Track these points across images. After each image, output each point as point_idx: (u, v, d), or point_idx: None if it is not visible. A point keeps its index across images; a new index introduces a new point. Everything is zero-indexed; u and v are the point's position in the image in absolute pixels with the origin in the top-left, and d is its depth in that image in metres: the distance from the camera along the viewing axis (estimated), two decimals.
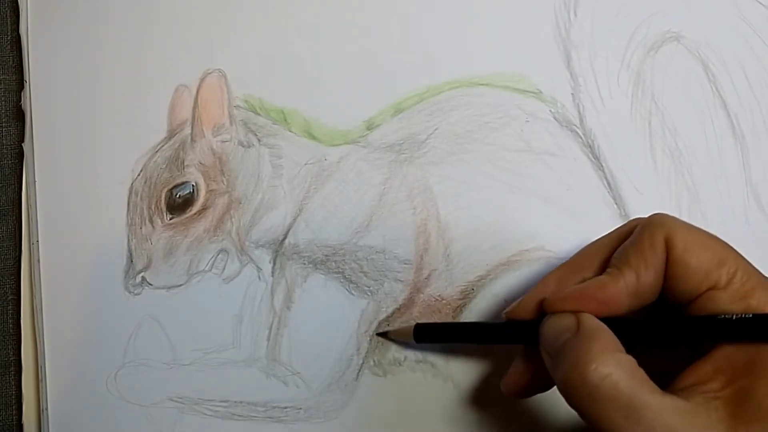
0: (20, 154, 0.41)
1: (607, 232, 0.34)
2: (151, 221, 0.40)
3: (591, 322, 0.30)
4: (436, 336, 0.37)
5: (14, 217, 0.42)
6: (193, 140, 0.40)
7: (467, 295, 0.39)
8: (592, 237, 0.39)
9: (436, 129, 0.40)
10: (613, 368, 0.27)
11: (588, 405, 0.27)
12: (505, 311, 0.34)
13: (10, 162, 0.42)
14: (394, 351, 0.39)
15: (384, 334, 0.38)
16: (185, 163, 0.40)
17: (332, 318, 0.39)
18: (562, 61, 0.40)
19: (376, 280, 0.39)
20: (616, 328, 0.30)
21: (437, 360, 0.38)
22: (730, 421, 0.27)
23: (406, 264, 0.39)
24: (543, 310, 0.32)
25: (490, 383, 0.38)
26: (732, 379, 0.28)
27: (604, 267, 0.32)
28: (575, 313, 0.30)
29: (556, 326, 0.30)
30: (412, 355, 0.39)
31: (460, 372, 0.38)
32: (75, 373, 0.39)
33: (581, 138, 0.40)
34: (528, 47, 0.40)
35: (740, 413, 0.27)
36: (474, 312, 0.38)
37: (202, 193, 0.40)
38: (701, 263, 0.30)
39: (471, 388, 0.38)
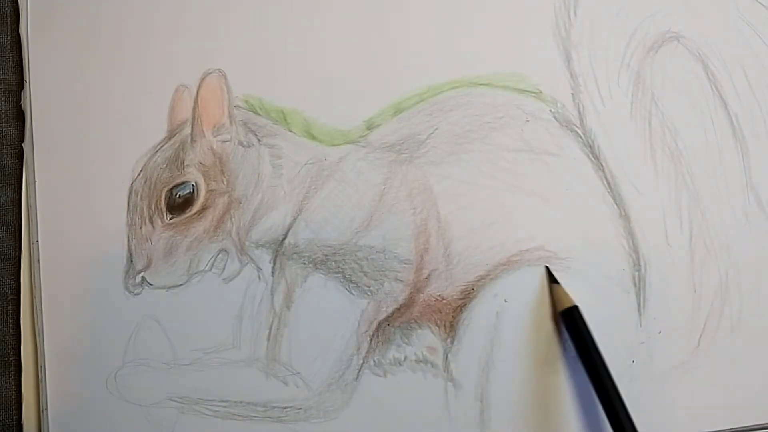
0: (20, 154, 0.41)
1: None
2: (151, 221, 0.40)
3: None
4: None
5: (14, 217, 0.42)
6: (193, 140, 0.40)
7: (467, 294, 0.39)
8: (592, 237, 0.39)
9: (436, 129, 0.40)
10: None
11: None
12: None
13: (10, 162, 0.42)
14: (394, 351, 0.39)
15: None
16: (185, 163, 0.40)
17: (332, 318, 0.39)
18: (562, 61, 0.40)
19: (376, 280, 0.39)
20: None
21: (437, 360, 0.38)
22: None
23: (406, 264, 0.39)
24: None
25: (490, 383, 0.38)
26: None
27: None
28: None
29: None
30: (412, 355, 0.39)
31: (460, 372, 0.38)
32: (75, 373, 0.39)
33: (581, 138, 0.40)
34: (528, 47, 0.40)
35: None
36: (474, 312, 0.39)
37: (202, 193, 0.40)
38: None
39: (471, 388, 0.38)
